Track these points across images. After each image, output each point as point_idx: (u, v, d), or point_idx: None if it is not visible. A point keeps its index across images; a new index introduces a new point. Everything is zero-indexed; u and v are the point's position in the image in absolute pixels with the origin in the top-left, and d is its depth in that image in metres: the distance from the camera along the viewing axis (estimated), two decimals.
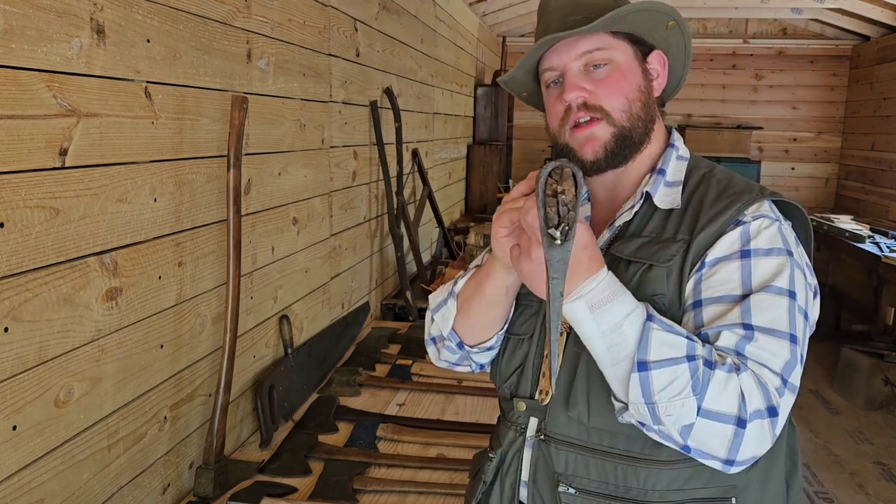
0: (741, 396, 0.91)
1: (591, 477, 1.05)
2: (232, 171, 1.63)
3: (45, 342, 1.20)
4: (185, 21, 1.54)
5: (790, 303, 0.98)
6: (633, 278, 1.04)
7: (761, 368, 0.94)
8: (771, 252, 1.00)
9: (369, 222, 3.05)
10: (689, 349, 0.92)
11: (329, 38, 2.43)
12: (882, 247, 4.75)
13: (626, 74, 1.08)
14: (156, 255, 1.49)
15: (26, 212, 1.14)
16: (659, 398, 0.91)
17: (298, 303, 2.27)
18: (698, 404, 0.90)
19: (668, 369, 0.91)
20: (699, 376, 0.90)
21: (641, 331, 0.93)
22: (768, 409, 0.92)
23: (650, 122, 1.11)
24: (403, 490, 1.68)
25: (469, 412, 2.12)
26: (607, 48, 1.07)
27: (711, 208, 1.04)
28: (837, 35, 7.00)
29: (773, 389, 0.93)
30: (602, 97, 1.07)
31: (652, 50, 1.12)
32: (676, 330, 0.95)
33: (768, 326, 0.96)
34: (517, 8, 6.46)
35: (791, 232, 1.06)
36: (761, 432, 0.92)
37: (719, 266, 1.00)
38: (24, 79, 1.12)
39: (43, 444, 1.21)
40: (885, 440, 4.02)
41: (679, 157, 1.14)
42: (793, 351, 0.97)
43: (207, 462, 1.64)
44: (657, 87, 1.13)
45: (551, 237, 0.88)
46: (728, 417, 0.91)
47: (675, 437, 0.93)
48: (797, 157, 7.31)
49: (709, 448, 0.92)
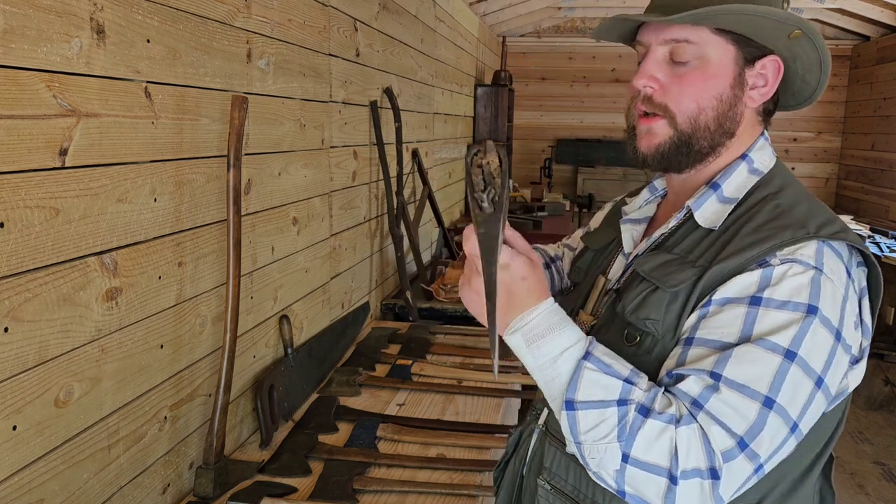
0: (674, 451, 0.85)
1: (568, 479, 1.05)
2: (232, 171, 1.63)
3: (45, 342, 1.20)
4: (185, 21, 1.54)
5: (782, 364, 0.86)
6: (638, 297, 0.99)
7: (713, 425, 0.86)
8: (786, 305, 0.88)
9: (369, 222, 3.05)
10: (622, 393, 0.88)
11: (329, 38, 2.43)
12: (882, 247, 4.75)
13: (710, 78, 0.98)
14: (156, 255, 1.49)
15: (26, 212, 1.14)
16: (584, 439, 0.88)
17: (298, 303, 2.27)
18: (623, 451, 0.86)
19: (594, 412, 0.87)
20: (627, 422, 0.86)
21: (574, 368, 0.90)
22: (710, 471, 0.84)
23: (724, 134, 1.01)
24: (403, 490, 1.68)
25: (469, 412, 2.12)
26: (698, 43, 0.97)
27: (745, 238, 0.93)
28: (837, 35, 6.99)
29: (718, 451, 0.85)
30: (672, 95, 1.00)
31: (764, 55, 1.00)
32: (615, 371, 0.89)
33: (740, 381, 0.86)
34: (517, 8, 6.46)
35: (837, 286, 0.90)
36: (701, 493, 0.85)
37: (726, 308, 0.91)
38: (24, 79, 1.12)
39: (43, 444, 1.21)
40: (885, 440, 4.02)
41: (752, 171, 1.02)
42: (763, 416, 0.85)
43: (207, 462, 1.64)
44: (759, 97, 1.02)
45: (479, 204, 0.88)
46: (659, 469, 0.85)
47: (608, 482, 0.89)
48: (797, 157, 7.31)
49: (645, 496, 0.87)
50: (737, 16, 0.94)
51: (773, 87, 1.02)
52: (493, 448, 1.89)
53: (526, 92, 7.50)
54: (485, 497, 1.67)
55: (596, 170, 7.35)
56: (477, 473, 1.76)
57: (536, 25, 7.47)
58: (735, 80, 0.99)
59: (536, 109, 7.61)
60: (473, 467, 1.78)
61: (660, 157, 1.03)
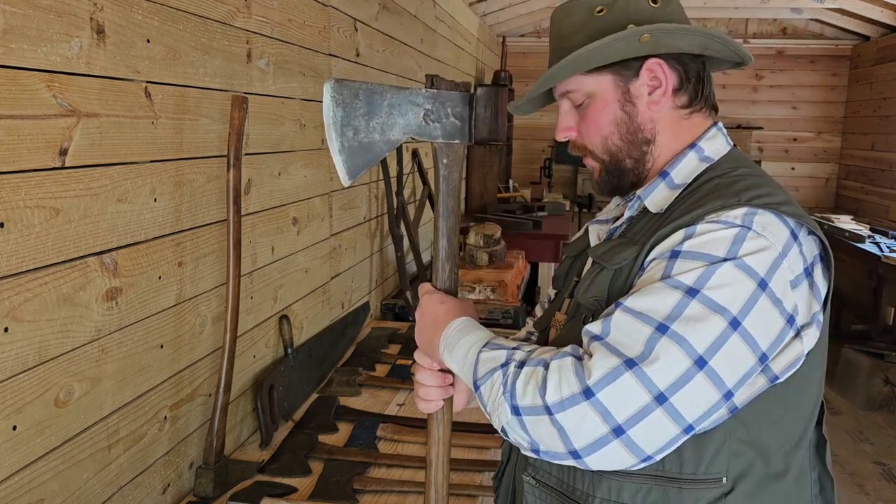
0: (542, 384, 0.89)
1: (552, 472, 1.06)
2: (232, 171, 1.63)
3: (45, 342, 1.20)
4: (185, 21, 1.54)
5: (683, 298, 0.86)
6: (587, 279, 1.05)
7: (600, 350, 0.87)
8: (701, 257, 0.89)
9: (369, 222, 3.05)
10: (507, 357, 0.96)
11: (329, 38, 2.43)
12: (882, 247, 4.75)
13: (601, 109, 1.07)
14: (156, 255, 1.49)
15: (26, 212, 1.14)
16: (490, 409, 0.96)
17: (298, 303, 2.27)
18: (509, 403, 0.92)
19: (488, 381, 0.96)
20: (508, 377, 0.93)
21: (476, 356, 1.00)
22: (584, 392, 0.85)
23: (640, 144, 1.07)
24: (403, 490, 1.68)
25: (469, 412, 2.12)
26: (579, 88, 1.08)
27: (680, 211, 0.98)
28: (837, 35, 7.00)
29: (596, 374, 0.85)
30: (584, 135, 1.10)
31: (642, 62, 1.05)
32: (503, 345, 0.99)
33: (637, 310, 0.88)
34: (517, 8, 6.46)
35: (772, 242, 0.90)
36: (584, 416, 0.85)
37: (650, 266, 0.95)
38: (24, 79, 1.12)
39: (43, 444, 1.21)
40: (885, 440, 4.02)
41: (703, 159, 1.06)
42: (654, 340, 0.85)
43: (207, 462, 1.64)
44: (661, 97, 1.05)
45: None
46: (538, 409, 0.89)
47: (521, 442, 0.93)
48: (797, 157, 7.31)
49: (547, 445, 0.89)
50: (574, 63, 1.03)
51: (669, 83, 1.05)
52: (493, 448, 1.89)
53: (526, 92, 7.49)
54: (485, 497, 1.67)
55: None
56: (477, 473, 1.76)
57: (536, 25, 7.47)
58: (622, 100, 1.06)
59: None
60: (473, 467, 1.78)
61: (603, 186, 1.13)
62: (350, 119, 1.03)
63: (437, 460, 1.13)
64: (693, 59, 1.07)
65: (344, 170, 1.04)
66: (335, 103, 1.03)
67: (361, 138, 1.04)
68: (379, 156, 1.06)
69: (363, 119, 1.03)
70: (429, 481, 1.13)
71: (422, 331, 1.12)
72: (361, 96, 1.03)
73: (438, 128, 1.09)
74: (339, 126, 1.03)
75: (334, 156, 1.04)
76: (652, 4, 1.05)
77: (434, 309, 1.10)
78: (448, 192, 1.10)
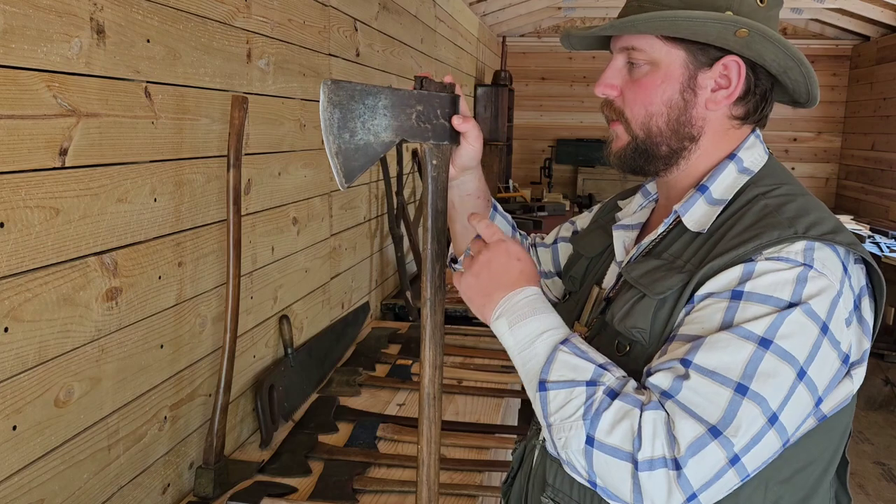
0: (637, 433, 0.82)
1: (572, 496, 1.02)
2: (232, 171, 1.63)
3: (45, 342, 1.20)
4: (185, 21, 1.54)
5: (756, 351, 0.83)
6: (626, 305, 0.98)
7: (681, 414, 0.82)
8: (768, 300, 0.85)
9: (369, 222, 3.05)
10: (594, 375, 0.88)
11: (329, 38, 2.43)
12: (882, 247, 4.75)
13: (660, 83, 0.98)
14: (156, 255, 1.49)
15: (26, 212, 1.14)
16: (553, 420, 0.88)
17: (298, 303, 2.27)
18: (588, 432, 0.85)
19: (564, 391, 0.88)
20: (594, 402, 0.86)
21: (551, 350, 0.91)
22: (674, 461, 0.81)
23: (682, 139, 1.00)
24: (403, 490, 1.68)
25: (469, 412, 2.13)
26: (646, 50, 0.98)
27: (732, 240, 0.91)
28: (837, 35, 7.00)
29: (683, 441, 0.81)
30: (627, 102, 1.01)
31: (722, 56, 0.97)
32: (589, 357, 0.90)
33: (710, 368, 0.83)
34: (517, 8, 6.46)
35: (831, 281, 0.87)
36: (668, 484, 0.81)
37: (707, 303, 0.89)
38: (24, 79, 1.12)
39: (43, 444, 1.21)
40: (885, 440, 4.02)
41: (742, 171, 1.00)
42: (735, 404, 0.82)
43: (207, 462, 1.64)
44: (723, 98, 0.99)
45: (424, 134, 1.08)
46: (622, 453, 0.83)
47: (578, 469, 0.87)
48: (797, 157, 7.31)
49: (613, 486, 0.84)
50: (659, 22, 0.94)
51: (738, 87, 0.98)
52: (493, 448, 1.89)
53: (526, 92, 7.51)
54: (485, 497, 1.67)
55: (596, 170, 7.35)
56: (477, 473, 1.76)
57: (536, 25, 7.47)
58: (685, 84, 0.98)
59: (536, 109, 7.62)
60: (473, 467, 1.78)
61: (622, 161, 1.04)
62: (346, 121, 1.02)
63: (429, 458, 1.12)
64: (767, 76, 1.01)
65: (341, 173, 1.01)
66: (332, 105, 1.01)
67: (357, 140, 1.03)
68: (374, 158, 1.05)
69: (359, 121, 1.03)
70: (420, 480, 1.12)
71: (479, 275, 0.99)
72: (357, 98, 1.03)
73: (429, 129, 1.07)
74: (335, 128, 1.01)
75: (331, 158, 1.01)
76: (759, 3, 0.97)
77: (506, 262, 0.98)
78: (437, 193, 1.09)
